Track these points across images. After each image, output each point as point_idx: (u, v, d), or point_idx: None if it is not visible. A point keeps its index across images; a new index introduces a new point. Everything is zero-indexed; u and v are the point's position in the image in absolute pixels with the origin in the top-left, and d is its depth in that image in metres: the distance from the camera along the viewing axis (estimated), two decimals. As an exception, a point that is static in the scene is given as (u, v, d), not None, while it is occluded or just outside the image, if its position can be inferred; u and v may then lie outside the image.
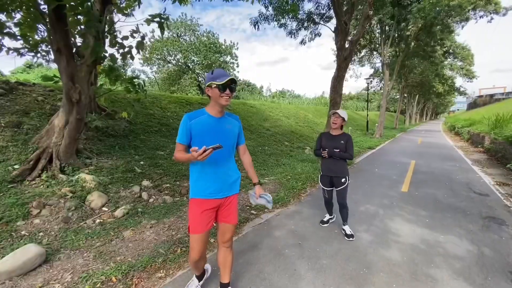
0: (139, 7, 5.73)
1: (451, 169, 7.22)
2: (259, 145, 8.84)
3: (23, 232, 2.86)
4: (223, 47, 23.14)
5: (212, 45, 22.31)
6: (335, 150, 3.02)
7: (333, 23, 9.80)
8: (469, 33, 62.09)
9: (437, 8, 12.21)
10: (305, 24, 9.18)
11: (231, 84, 1.70)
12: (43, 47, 4.65)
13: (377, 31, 17.76)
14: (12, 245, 2.63)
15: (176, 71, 23.49)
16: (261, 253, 2.75)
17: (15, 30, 4.03)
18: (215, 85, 1.67)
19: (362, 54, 20.99)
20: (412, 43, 16.25)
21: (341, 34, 6.44)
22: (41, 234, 2.91)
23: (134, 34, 4.36)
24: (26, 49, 4.50)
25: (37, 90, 6.18)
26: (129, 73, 24.56)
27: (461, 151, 10.98)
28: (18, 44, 4.30)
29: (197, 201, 1.79)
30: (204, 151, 1.49)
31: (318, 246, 2.93)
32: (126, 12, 5.35)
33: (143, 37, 4.47)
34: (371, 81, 21.44)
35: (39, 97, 5.89)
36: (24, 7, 3.94)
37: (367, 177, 6.30)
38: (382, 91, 21.16)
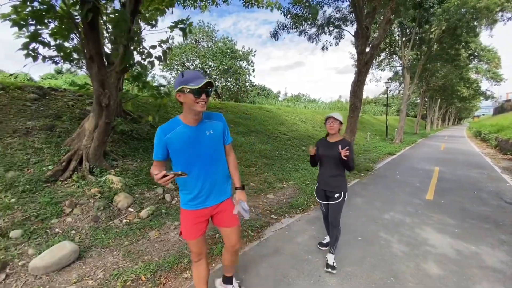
0: (162, 15, 5.98)
1: (478, 177, 6.87)
2: (275, 149, 8.84)
3: (57, 230, 3.03)
4: (240, 53, 23.47)
5: (228, 51, 22.69)
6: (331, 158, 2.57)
7: (351, 27, 9.73)
8: (497, 34, 59.11)
9: (462, 10, 11.78)
10: (325, 29, 9.15)
11: (207, 88, 1.52)
12: (75, 55, 4.95)
13: (397, 33, 17.37)
14: (47, 241, 2.78)
15: (194, 76, 24.03)
16: (284, 258, 2.74)
17: (50, 39, 4.32)
18: (188, 90, 1.48)
19: (382, 57, 20.54)
20: (435, 46, 15.73)
21: (361, 38, 6.37)
22: (73, 232, 3.06)
23: (162, 44, 4.53)
24: (60, 57, 4.80)
25: (67, 95, 6.55)
26: (149, 78, 25.42)
27: (488, 158, 10.42)
28: (52, 52, 4.62)
29: (186, 212, 1.73)
30: (164, 176, 1.39)
31: (341, 252, 2.88)
32: (151, 22, 5.60)
33: (169, 48, 4.65)
34: (389, 85, 20.92)
35: (69, 101, 6.23)
36: (58, 18, 4.23)
37: (388, 183, 6.12)
38: (401, 95, 20.57)
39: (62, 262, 2.40)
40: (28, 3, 3.73)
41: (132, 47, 4.68)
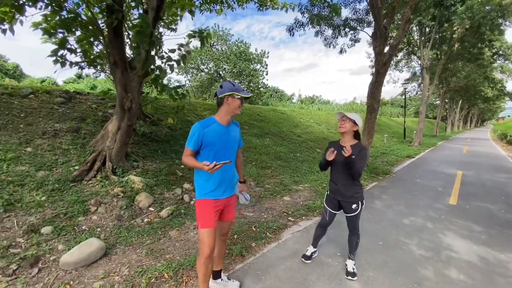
0: (180, 20, 6.15)
1: (506, 182, 6.53)
2: (290, 151, 8.81)
3: (83, 227, 3.17)
4: (254, 55, 23.62)
5: (242, 54, 22.89)
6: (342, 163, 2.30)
7: (369, 28, 9.57)
8: (522, 32, 56.03)
9: (487, 8, 11.29)
10: (342, 31, 9.05)
11: (247, 99, 1.93)
12: (99, 60, 5.18)
13: (415, 33, 16.88)
14: (75, 238, 2.92)
15: (208, 79, 24.44)
16: (303, 261, 2.73)
17: (76, 46, 4.54)
18: (239, 96, 1.83)
19: (399, 57, 20.01)
20: (456, 45, 15.15)
21: (380, 39, 6.25)
22: (98, 229, 3.19)
23: (181, 48, 4.66)
24: (86, 63, 5.05)
25: (91, 98, 6.84)
26: (165, 81, 26.09)
27: (516, 162, 9.89)
28: (78, 58, 4.91)
29: (208, 202, 1.89)
30: (215, 166, 1.66)
31: (361, 257, 2.83)
32: (171, 26, 5.77)
33: (188, 52, 4.77)
34: (407, 86, 20.32)
35: (93, 105, 6.51)
36: (84, 26, 4.44)
37: (408, 187, 5.95)
38: (419, 96, 19.90)
39: (90, 258, 2.51)
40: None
41: (153, 52, 4.84)
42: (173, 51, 4.71)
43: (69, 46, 4.45)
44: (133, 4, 4.99)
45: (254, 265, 2.58)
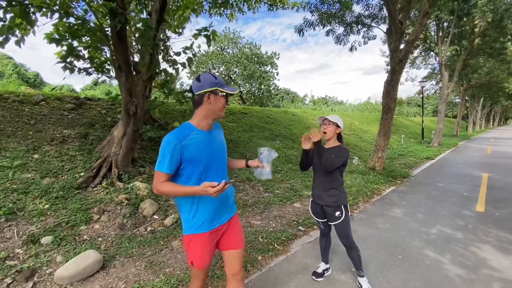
0: (187, 23, 6.06)
1: (540, 186, 5.96)
2: (302, 154, 8.53)
3: (85, 237, 3.07)
4: (265, 57, 23.50)
5: (253, 56, 22.82)
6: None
7: (383, 24, 9.17)
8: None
9: (509, 0, 10.59)
10: (354, 28, 8.70)
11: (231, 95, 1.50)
12: (106, 66, 5.17)
13: (432, 28, 16.14)
14: (75, 248, 2.81)
15: (219, 82, 24.52)
16: (313, 279, 2.48)
17: (84, 52, 4.54)
18: (224, 93, 1.40)
19: (415, 54, 19.23)
20: (477, 40, 14.33)
21: (395, 34, 5.90)
22: (100, 239, 3.08)
23: (186, 51, 4.55)
24: (93, 69, 5.04)
25: (101, 104, 6.89)
26: (177, 86, 26.41)
27: (549, 163, 9.11)
28: (86, 64, 4.97)
29: (199, 237, 1.44)
30: (224, 186, 1.26)
31: (380, 273, 2.55)
32: (178, 30, 5.70)
33: (194, 54, 4.66)
34: (425, 84, 19.48)
35: (102, 110, 6.54)
36: (91, 31, 4.43)
37: (429, 192, 5.53)
38: (438, 94, 19.02)
39: (86, 272, 2.38)
40: (64, 19, 3.94)
41: (159, 55, 4.76)
42: (178, 54, 4.61)
43: (77, 53, 4.46)
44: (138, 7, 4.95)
45: (260, 282, 2.37)
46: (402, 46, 6.21)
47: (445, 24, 14.84)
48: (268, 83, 23.70)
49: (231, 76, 24.33)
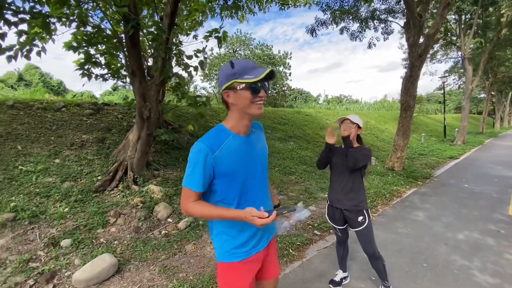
0: (199, 27, 6.10)
1: None
2: (316, 155, 8.34)
3: (101, 240, 3.12)
4: (277, 58, 23.38)
5: (265, 57, 22.77)
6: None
7: (400, 19, 8.80)
8: None
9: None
10: (369, 23, 8.42)
11: (267, 80, 1.07)
12: (122, 72, 5.30)
13: (453, 20, 15.36)
14: (92, 252, 2.86)
15: (232, 84, 24.66)
16: (330, 287, 2.37)
17: (101, 59, 4.67)
18: (243, 85, 1.03)
19: (435, 49, 18.39)
20: (504, 30, 13.47)
21: (414, 28, 5.61)
22: (115, 242, 3.12)
23: (198, 54, 4.57)
24: (109, 75, 5.18)
25: (118, 109, 7.08)
26: (191, 89, 26.85)
27: None
28: (103, 70, 5.16)
29: (233, 266, 1.17)
30: (275, 216, 1.02)
31: (404, 283, 2.39)
32: (190, 33, 5.74)
33: (205, 58, 4.67)
34: (446, 79, 18.55)
35: (119, 115, 6.72)
36: (106, 38, 4.55)
37: (454, 194, 5.21)
38: (461, 90, 18.06)
39: (102, 276, 2.40)
40: (82, 28, 4.08)
41: (172, 60, 4.81)
42: (190, 57, 4.63)
43: (94, 60, 4.60)
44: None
45: None
46: (421, 40, 5.92)
47: (468, 15, 14.07)
48: (282, 83, 23.54)
49: (244, 77, 24.38)
